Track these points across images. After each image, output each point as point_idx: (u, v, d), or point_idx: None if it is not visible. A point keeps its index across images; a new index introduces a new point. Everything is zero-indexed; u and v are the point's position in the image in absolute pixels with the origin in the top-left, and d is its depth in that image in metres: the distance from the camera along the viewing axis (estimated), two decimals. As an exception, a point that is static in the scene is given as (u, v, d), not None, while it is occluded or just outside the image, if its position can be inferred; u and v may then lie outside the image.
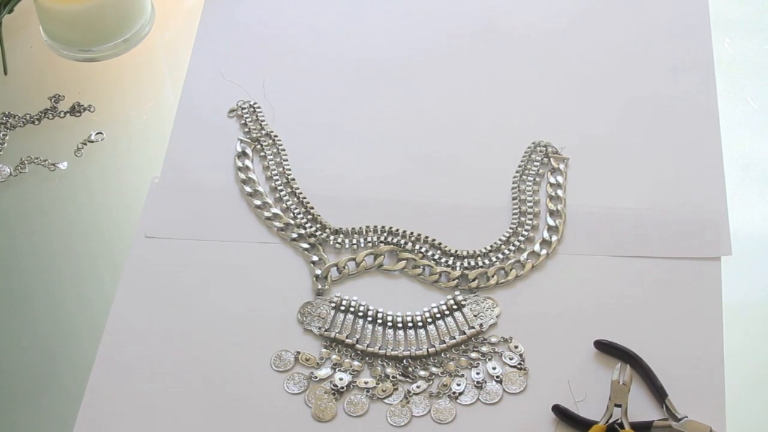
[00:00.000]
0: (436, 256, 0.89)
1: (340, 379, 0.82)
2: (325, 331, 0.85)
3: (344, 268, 0.89)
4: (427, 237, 0.90)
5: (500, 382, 0.81)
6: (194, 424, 0.80)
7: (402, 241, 0.90)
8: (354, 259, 0.89)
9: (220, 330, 0.85)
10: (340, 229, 0.91)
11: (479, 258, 0.89)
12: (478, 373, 0.82)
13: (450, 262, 0.89)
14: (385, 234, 0.91)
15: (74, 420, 0.80)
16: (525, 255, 0.89)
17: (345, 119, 1.00)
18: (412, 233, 0.91)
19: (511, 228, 0.91)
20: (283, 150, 0.97)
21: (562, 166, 0.95)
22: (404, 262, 0.89)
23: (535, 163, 0.96)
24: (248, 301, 0.87)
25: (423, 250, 0.90)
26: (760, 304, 0.88)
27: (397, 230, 0.91)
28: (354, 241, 0.91)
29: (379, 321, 0.85)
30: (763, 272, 0.89)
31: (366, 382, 0.82)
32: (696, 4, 1.07)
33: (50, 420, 0.81)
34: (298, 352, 0.84)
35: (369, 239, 0.90)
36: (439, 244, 0.90)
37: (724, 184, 0.93)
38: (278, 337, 0.85)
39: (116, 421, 0.80)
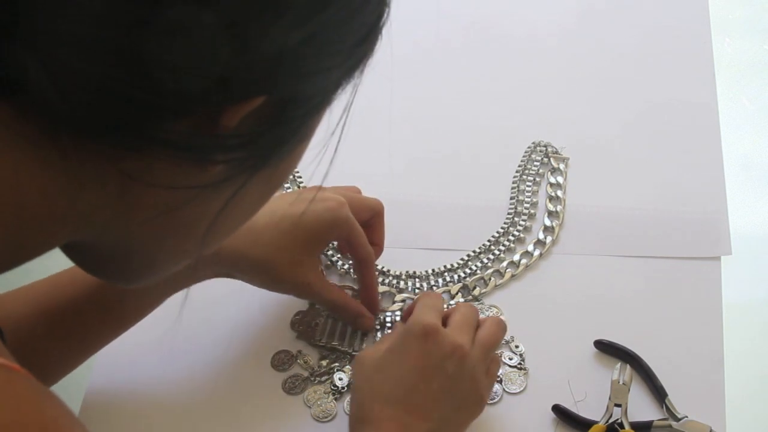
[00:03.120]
0: (431, 282, 0.88)
1: (340, 379, 0.82)
2: (321, 342, 0.84)
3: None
4: (414, 272, 0.88)
5: (500, 382, 0.81)
6: (194, 425, 0.80)
7: (394, 281, 0.88)
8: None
9: (219, 330, 0.85)
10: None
11: (470, 262, 0.89)
12: (478, 373, 0.82)
13: (447, 278, 0.88)
14: (377, 274, 0.87)
15: (74, 420, 0.80)
16: (518, 256, 0.89)
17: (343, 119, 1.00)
18: (400, 273, 0.88)
19: (502, 228, 0.91)
20: (283, 150, 0.97)
21: (562, 166, 0.95)
22: (402, 303, 0.86)
23: (535, 163, 0.96)
24: (248, 300, 0.86)
25: (417, 286, 0.87)
26: (760, 304, 0.88)
27: (388, 270, 0.88)
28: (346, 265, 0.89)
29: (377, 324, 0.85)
30: (763, 272, 0.90)
31: (366, 382, 0.82)
32: (696, 4, 1.07)
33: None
34: (299, 351, 0.83)
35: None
36: (428, 273, 0.88)
37: (724, 185, 0.93)
38: (279, 336, 0.84)
39: (116, 422, 0.80)
